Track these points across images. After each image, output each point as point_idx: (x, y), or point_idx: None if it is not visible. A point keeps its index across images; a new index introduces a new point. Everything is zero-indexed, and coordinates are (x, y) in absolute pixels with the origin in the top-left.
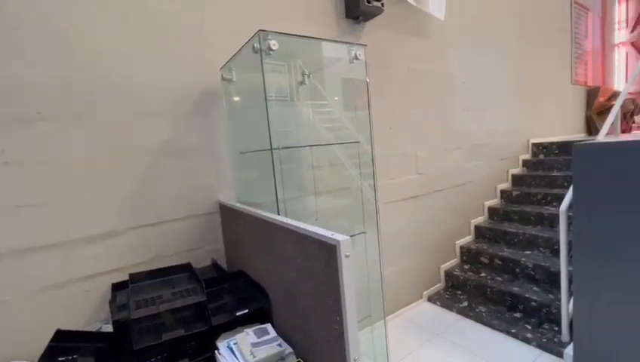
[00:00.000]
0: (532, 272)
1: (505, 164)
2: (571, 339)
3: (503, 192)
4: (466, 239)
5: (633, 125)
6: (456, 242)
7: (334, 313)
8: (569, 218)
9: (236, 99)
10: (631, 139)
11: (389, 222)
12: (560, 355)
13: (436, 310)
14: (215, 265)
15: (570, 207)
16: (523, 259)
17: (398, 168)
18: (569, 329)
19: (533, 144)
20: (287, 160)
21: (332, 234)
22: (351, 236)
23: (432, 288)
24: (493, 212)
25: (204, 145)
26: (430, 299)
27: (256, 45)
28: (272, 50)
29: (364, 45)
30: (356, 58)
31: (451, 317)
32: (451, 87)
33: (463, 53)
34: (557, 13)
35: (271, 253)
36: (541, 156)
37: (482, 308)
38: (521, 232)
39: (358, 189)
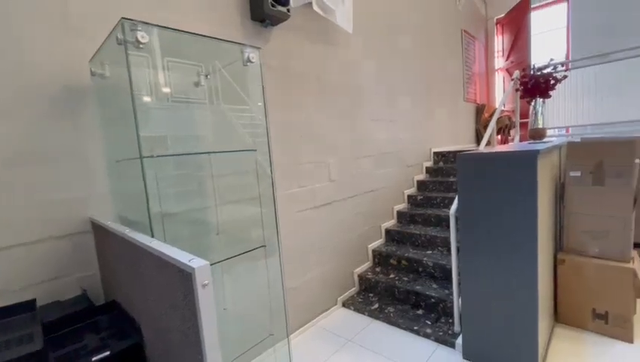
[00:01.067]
0: (432, 270)
1: (411, 171)
2: (461, 331)
3: (409, 197)
4: (378, 242)
5: (509, 138)
6: (369, 246)
7: (196, 352)
8: (458, 219)
9: (110, 97)
10: (498, 150)
11: (303, 230)
12: (453, 346)
13: (350, 315)
14: (84, 297)
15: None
16: (425, 259)
17: (310, 176)
18: (460, 321)
19: (434, 153)
20: (183, 168)
21: (189, 260)
22: (251, 250)
23: (346, 293)
24: (401, 215)
25: (71, 151)
26: (345, 304)
27: (120, 36)
28: (142, 43)
29: (258, 48)
30: (249, 61)
31: (363, 320)
32: (360, 98)
33: (371, 66)
34: (452, 39)
35: (142, 280)
36: (441, 163)
37: (391, 309)
38: (424, 234)
39: (264, 199)
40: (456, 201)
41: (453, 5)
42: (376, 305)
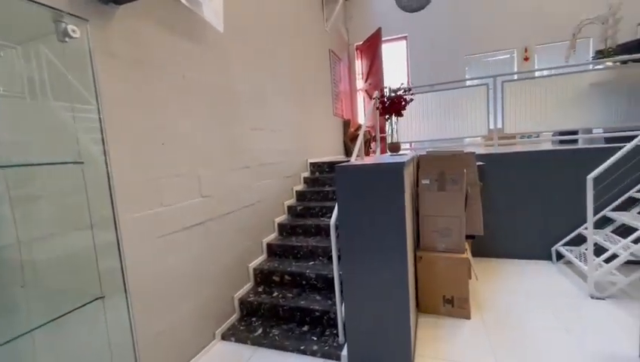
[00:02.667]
0: (315, 282)
1: (290, 182)
2: (346, 340)
3: (289, 208)
4: (260, 259)
5: (371, 150)
6: (249, 265)
7: None
8: (337, 228)
9: None
10: (370, 162)
11: (168, 258)
12: (339, 358)
13: (230, 348)
14: None
15: None
16: (307, 271)
17: (176, 192)
18: (344, 331)
19: (311, 163)
20: None
21: None
22: (83, 305)
23: (226, 323)
24: (282, 228)
25: None
26: (224, 337)
27: None
28: None
29: (85, 20)
30: (69, 35)
31: (246, 351)
32: (236, 105)
33: (249, 73)
34: (322, 58)
35: None
36: (317, 174)
37: (276, 331)
38: (305, 245)
39: (101, 227)
40: (335, 211)
41: (322, 26)
42: (260, 330)
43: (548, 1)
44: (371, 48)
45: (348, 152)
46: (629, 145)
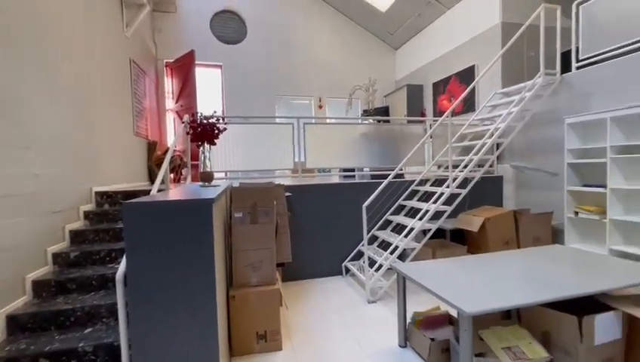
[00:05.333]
0: (93, 357)
1: (60, 219)
2: None
3: (56, 256)
4: None
5: (182, 177)
6: None
7: None
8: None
9: None
10: (173, 197)
11: None
12: None
13: None
14: None
15: None
16: (81, 344)
17: None
18: None
19: (97, 193)
20: None
21: None
22: None
23: None
24: (40, 286)
25: None
26: None
27: None
28: None
29: None
30: None
31: None
32: None
33: None
34: (120, 66)
35: None
36: (106, 206)
37: None
38: (80, 306)
39: None
40: (123, 262)
41: (121, 30)
42: None
43: (334, 65)
44: (183, 69)
45: (153, 179)
46: (385, 182)
